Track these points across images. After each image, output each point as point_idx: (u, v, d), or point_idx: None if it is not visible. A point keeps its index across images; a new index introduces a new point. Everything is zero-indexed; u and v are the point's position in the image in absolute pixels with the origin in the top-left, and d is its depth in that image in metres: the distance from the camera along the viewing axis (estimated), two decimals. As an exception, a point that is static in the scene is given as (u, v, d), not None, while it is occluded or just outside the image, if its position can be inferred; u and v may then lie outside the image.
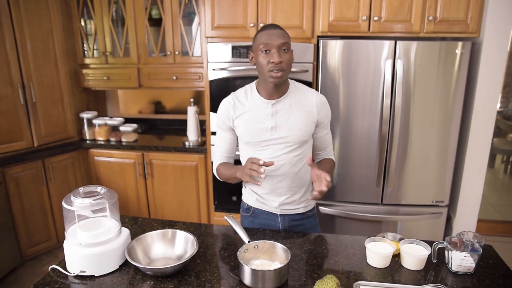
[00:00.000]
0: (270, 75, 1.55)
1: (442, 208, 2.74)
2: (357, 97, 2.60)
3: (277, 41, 1.52)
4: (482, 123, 2.61)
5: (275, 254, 1.43)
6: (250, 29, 2.75)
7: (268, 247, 1.44)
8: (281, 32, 1.55)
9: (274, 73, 1.54)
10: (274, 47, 1.52)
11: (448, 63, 2.48)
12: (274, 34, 1.53)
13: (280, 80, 1.56)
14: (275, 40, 1.52)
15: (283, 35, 1.55)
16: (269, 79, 1.56)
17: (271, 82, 1.58)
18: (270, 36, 1.53)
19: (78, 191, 1.42)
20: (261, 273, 1.29)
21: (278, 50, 1.53)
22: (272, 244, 1.44)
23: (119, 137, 3.39)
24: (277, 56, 1.51)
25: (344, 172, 2.75)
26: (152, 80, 3.30)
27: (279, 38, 1.53)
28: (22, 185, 2.97)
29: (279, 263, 1.39)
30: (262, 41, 1.54)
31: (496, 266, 1.47)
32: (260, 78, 1.66)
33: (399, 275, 1.40)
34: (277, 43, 1.52)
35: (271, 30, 1.54)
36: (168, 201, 3.33)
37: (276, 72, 1.53)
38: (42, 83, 3.07)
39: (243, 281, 1.33)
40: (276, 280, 1.30)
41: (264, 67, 1.55)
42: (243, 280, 1.33)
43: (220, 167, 1.77)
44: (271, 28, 1.56)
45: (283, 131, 1.64)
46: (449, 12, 2.48)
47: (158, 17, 3.19)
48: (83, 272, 1.36)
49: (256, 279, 1.29)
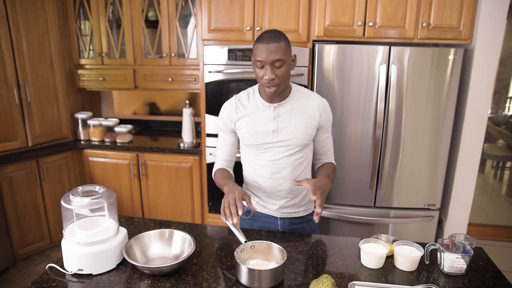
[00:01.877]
0: (265, 89, 1.58)
1: (434, 211, 2.78)
2: (351, 101, 2.64)
3: (269, 58, 1.50)
4: (474, 129, 2.66)
5: (271, 254, 1.45)
6: (247, 32, 2.77)
7: (264, 247, 1.46)
8: (275, 47, 1.49)
9: (267, 89, 1.56)
10: (267, 64, 1.51)
11: (441, 69, 2.53)
12: (267, 50, 1.49)
13: (275, 94, 1.58)
14: (267, 57, 1.50)
15: (277, 50, 1.49)
16: (265, 92, 1.60)
17: (267, 94, 1.60)
18: (263, 52, 1.50)
19: (76, 190, 1.43)
20: (258, 273, 1.31)
21: (271, 67, 1.51)
22: (269, 244, 1.46)
23: (113, 138, 3.39)
24: (269, 73, 1.51)
25: (338, 175, 2.78)
26: (147, 81, 3.31)
27: (272, 55, 1.49)
28: (16, 185, 2.96)
29: (275, 263, 1.41)
30: (256, 56, 1.52)
31: (487, 267, 1.50)
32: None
33: (393, 276, 1.42)
34: (270, 60, 1.50)
35: (265, 45, 1.50)
36: (162, 202, 3.34)
37: (269, 88, 1.55)
38: (37, 83, 3.07)
39: (240, 281, 1.34)
40: (272, 279, 1.31)
41: (259, 79, 1.57)
42: (240, 279, 1.34)
43: (217, 173, 1.76)
44: (265, 41, 1.50)
45: (285, 134, 1.66)
46: (442, 19, 2.53)
47: (154, 19, 3.21)
48: (81, 270, 1.37)
49: (252, 278, 1.31)
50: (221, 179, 1.69)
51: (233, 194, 1.46)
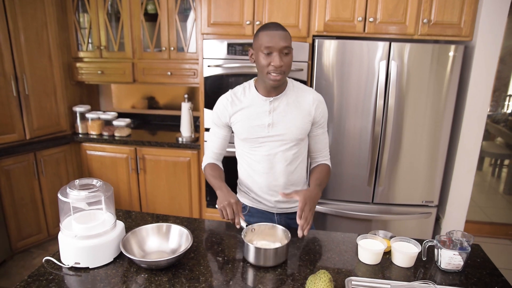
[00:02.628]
0: (269, 77, 1.55)
1: (432, 208, 2.79)
2: (350, 97, 2.63)
3: (279, 44, 1.50)
4: (473, 126, 2.66)
5: (276, 235, 1.55)
6: (246, 26, 2.76)
7: (263, 229, 1.56)
8: (283, 34, 1.52)
9: (273, 76, 1.54)
10: (276, 50, 1.51)
11: (441, 65, 2.52)
12: (277, 36, 1.51)
13: (279, 83, 1.57)
14: (277, 43, 1.50)
15: (285, 38, 1.52)
16: (269, 81, 1.57)
17: (269, 84, 1.58)
18: (272, 38, 1.50)
19: (74, 183, 1.42)
20: (263, 251, 1.41)
21: (279, 53, 1.51)
22: (272, 226, 1.57)
23: (112, 132, 3.38)
24: (278, 60, 1.51)
25: (336, 171, 2.78)
26: (146, 75, 3.30)
27: (282, 41, 1.51)
28: (13, 178, 2.95)
29: (280, 244, 1.50)
30: (264, 42, 1.51)
31: (484, 264, 1.51)
32: (259, 76, 1.66)
33: (390, 272, 1.43)
34: (279, 46, 1.51)
35: (273, 31, 1.51)
36: (160, 196, 3.34)
37: (275, 75, 1.54)
38: (35, 75, 3.05)
39: (248, 260, 1.44)
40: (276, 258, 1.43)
41: (264, 68, 1.55)
42: (248, 258, 1.44)
43: (208, 169, 1.76)
44: (273, 28, 1.52)
45: (280, 128, 1.65)
46: (443, 15, 2.52)
47: (154, 12, 3.19)
48: (78, 264, 1.36)
49: (259, 256, 1.42)
50: (213, 178, 1.70)
51: (230, 205, 1.51)
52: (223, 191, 1.58)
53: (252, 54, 1.62)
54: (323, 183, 1.70)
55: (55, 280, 1.32)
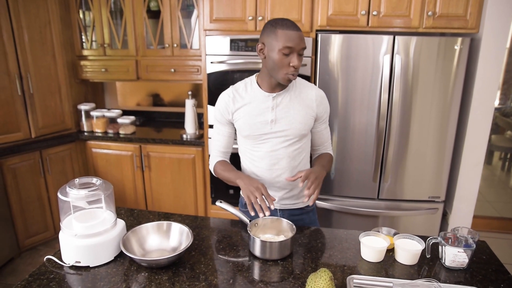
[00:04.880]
0: (286, 77, 1.54)
1: (438, 203, 2.75)
2: (355, 92, 2.60)
3: (300, 45, 1.50)
4: (480, 120, 2.61)
5: (281, 229, 1.57)
6: (249, 22, 2.74)
7: (266, 223, 1.58)
8: (302, 35, 1.52)
9: (291, 76, 1.54)
10: (296, 51, 1.50)
11: (447, 59, 2.48)
12: (298, 37, 1.49)
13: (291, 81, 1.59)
14: (298, 44, 1.49)
15: (303, 38, 1.53)
16: (284, 80, 1.56)
17: (283, 82, 1.57)
18: (294, 38, 1.49)
19: (73, 182, 1.42)
20: (269, 244, 1.43)
21: (297, 54, 1.51)
22: (277, 219, 1.59)
23: (116, 129, 3.39)
24: (297, 61, 1.51)
25: (341, 167, 2.75)
26: (150, 72, 3.30)
27: (302, 42, 1.51)
28: (20, 176, 2.97)
29: (285, 237, 1.51)
30: (286, 42, 1.48)
31: (489, 261, 1.48)
32: (264, 72, 1.62)
33: (393, 270, 1.40)
34: (300, 47, 1.51)
35: (294, 32, 1.49)
36: (165, 194, 3.34)
37: (293, 75, 1.54)
38: (40, 74, 3.06)
39: (253, 253, 1.46)
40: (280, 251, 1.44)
41: (282, 68, 1.52)
42: (253, 252, 1.46)
43: (218, 166, 1.74)
44: (293, 28, 1.50)
45: (283, 124, 1.64)
46: (448, 7, 2.47)
47: (156, 9, 3.18)
48: (78, 262, 1.36)
49: (264, 250, 1.44)
50: (227, 172, 1.68)
51: (258, 189, 1.49)
52: (244, 179, 1.56)
53: (262, 49, 1.57)
54: (326, 166, 1.72)
55: (56, 279, 1.32)
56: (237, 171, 1.67)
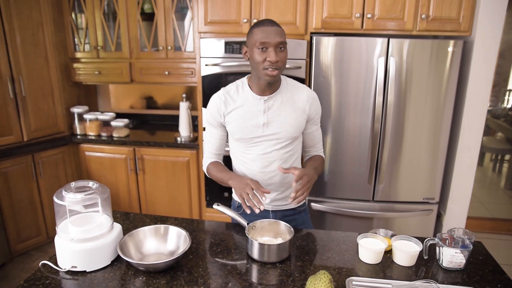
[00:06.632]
0: (265, 73, 1.53)
1: (433, 205, 2.77)
2: (349, 94, 2.61)
3: (274, 40, 1.50)
4: (473, 121, 2.64)
5: (279, 232, 1.56)
6: (243, 24, 2.74)
7: (263, 225, 1.58)
8: (278, 30, 1.52)
9: (269, 71, 1.52)
10: (271, 46, 1.50)
11: (440, 61, 2.50)
12: (272, 32, 1.50)
13: (275, 78, 1.55)
14: (272, 39, 1.49)
15: (281, 33, 1.52)
16: (264, 77, 1.55)
17: (265, 80, 1.56)
18: (267, 34, 1.50)
19: (69, 186, 1.40)
20: (267, 247, 1.43)
21: (275, 49, 1.50)
22: (275, 221, 1.58)
23: (110, 132, 3.36)
24: (274, 55, 1.50)
25: (336, 169, 2.76)
26: (144, 75, 3.28)
27: (277, 37, 1.50)
28: (12, 180, 2.93)
29: (282, 240, 1.51)
30: (259, 38, 1.50)
31: (486, 262, 1.49)
32: (253, 74, 1.64)
33: (391, 271, 1.41)
34: (275, 41, 1.50)
35: (268, 27, 1.51)
36: (160, 197, 3.32)
37: (271, 70, 1.52)
38: (32, 76, 3.03)
39: (252, 256, 1.46)
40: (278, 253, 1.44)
41: (259, 64, 1.53)
42: (252, 255, 1.45)
43: (211, 167, 1.74)
44: (268, 24, 1.52)
45: (275, 127, 1.64)
46: (441, 10, 2.50)
47: (150, 12, 3.16)
48: (75, 267, 1.35)
49: (262, 252, 1.44)
50: (219, 173, 1.68)
51: (248, 185, 1.49)
52: (236, 179, 1.57)
53: (246, 51, 1.61)
54: (318, 168, 1.72)
55: (51, 285, 1.30)
56: (230, 172, 1.68)
